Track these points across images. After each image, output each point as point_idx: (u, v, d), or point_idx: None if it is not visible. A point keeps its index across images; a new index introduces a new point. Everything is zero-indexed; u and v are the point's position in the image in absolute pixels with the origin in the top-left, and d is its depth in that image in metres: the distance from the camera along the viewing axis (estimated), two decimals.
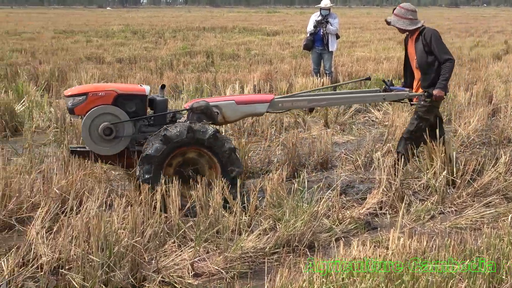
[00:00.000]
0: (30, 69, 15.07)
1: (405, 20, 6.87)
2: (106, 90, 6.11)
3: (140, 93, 6.23)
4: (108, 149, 6.13)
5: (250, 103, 6.52)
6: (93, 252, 4.38)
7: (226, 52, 20.50)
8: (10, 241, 5.24)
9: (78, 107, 6.08)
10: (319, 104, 7.01)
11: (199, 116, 6.21)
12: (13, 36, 29.59)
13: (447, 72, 6.70)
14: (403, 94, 6.97)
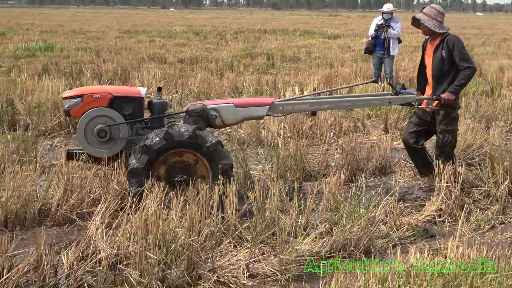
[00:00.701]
0: (94, 68, 15.37)
1: (434, 21, 6.61)
2: (101, 92, 6.09)
3: (135, 96, 6.20)
4: (104, 151, 6.09)
5: (249, 106, 6.42)
6: (151, 249, 4.44)
7: (287, 55, 20.51)
8: (70, 235, 5.35)
9: (74, 109, 6.07)
10: (321, 107, 6.73)
11: (195, 119, 6.14)
12: (79, 35, 30.30)
13: (463, 78, 6.44)
14: (410, 98, 6.64)
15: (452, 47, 6.52)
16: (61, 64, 16.07)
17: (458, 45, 6.52)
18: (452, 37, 6.59)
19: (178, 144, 5.72)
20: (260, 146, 8.75)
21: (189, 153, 5.79)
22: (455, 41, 6.53)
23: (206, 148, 5.74)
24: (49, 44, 21.96)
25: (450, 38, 6.58)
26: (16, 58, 18.34)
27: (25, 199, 5.68)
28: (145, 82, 12.91)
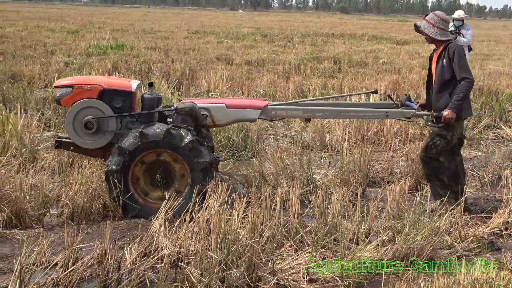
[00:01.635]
0: (163, 67, 15.59)
1: (436, 29, 6.35)
2: (92, 84, 6.09)
3: (125, 89, 6.18)
4: (91, 143, 6.11)
5: (241, 108, 6.33)
6: (212, 249, 4.47)
7: (354, 59, 20.36)
8: (134, 231, 5.44)
9: (64, 99, 6.10)
10: (315, 115, 6.54)
11: (184, 117, 6.10)
12: (148, 34, 30.78)
13: (461, 91, 6.09)
14: (409, 112, 6.37)
15: (452, 55, 6.24)
16: (130, 63, 16.34)
17: (458, 54, 6.23)
18: (453, 45, 6.33)
19: (154, 144, 5.74)
20: (324, 150, 8.71)
21: (166, 152, 5.79)
22: (455, 49, 6.26)
23: (182, 147, 5.72)
24: (120, 43, 22.38)
25: (451, 46, 6.32)
26: (88, 55, 18.76)
27: (92, 194, 5.81)
28: (212, 83, 13.02)
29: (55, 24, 36.19)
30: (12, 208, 5.48)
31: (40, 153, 7.62)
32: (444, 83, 6.24)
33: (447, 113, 6.06)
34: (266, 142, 8.90)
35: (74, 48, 20.48)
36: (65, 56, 17.99)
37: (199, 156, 5.76)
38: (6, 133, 7.46)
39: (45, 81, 13.35)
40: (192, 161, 5.75)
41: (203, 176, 5.73)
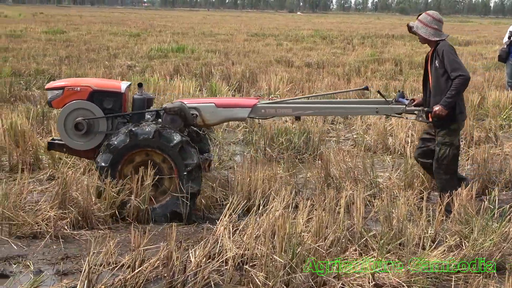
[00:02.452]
0: (223, 70, 15.67)
1: (428, 29, 6.16)
2: (81, 86, 6.12)
3: (115, 90, 6.19)
4: (82, 144, 6.13)
5: (230, 107, 6.27)
6: (277, 252, 4.46)
7: (415, 61, 20.07)
8: (199, 233, 5.48)
9: (55, 101, 6.15)
10: (305, 113, 6.47)
11: (173, 117, 6.06)
12: (208, 37, 31.05)
13: (454, 88, 5.93)
14: (399, 108, 6.27)
15: (442, 55, 6.05)
16: (191, 65, 16.50)
17: (448, 53, 6.03)
18: (441, 45, 6.12)
19: (142, 143, 5.73)
20: (386, 153, 8.61)
21: (155, 152, 5.78)
22: (443, 49, 6.06)
23: (171, 147, 5.71)
24: (181, 46, 22.62)
25: (440, 46, 6.12)
26: (150, 58, 19.02)
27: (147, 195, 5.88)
28: (272, 85, 13.02)
29: (117, 28, 36.85)
30: (79, 209, 5.58)
31: None
32: (439, 85, 6.11)
33: (438, 108, 5.95)
34: (327, 145, 8.84)
35: (136, 52, 20.80)
36: (128, 59, 18.28)
37: (188, 157, 5.75)
38: None
39: None
40: (180, 162, 5.74)
41: (190, 178, 5.73)
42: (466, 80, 5.94)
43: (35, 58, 17.55)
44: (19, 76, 14.09)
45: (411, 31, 6.30)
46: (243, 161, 6.55)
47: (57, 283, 4.41)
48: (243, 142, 9.11)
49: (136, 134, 5.70)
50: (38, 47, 20.96)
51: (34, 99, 11.47)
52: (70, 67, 15.53)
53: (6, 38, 24.90)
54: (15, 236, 5.34)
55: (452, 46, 6.17)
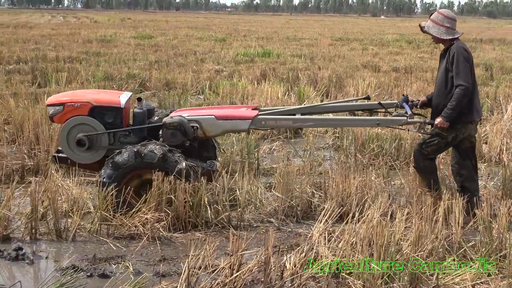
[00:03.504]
0: (310, 74, 15.64)
1: (441, 27, 5.98)
2: (82, 102, 6.19)
3: (114, 106, 6.24)
4: (85, 158, 6.21)
5: (231, 119, 6.23)
6: (374, 260, 4.40)
7: (507, 66, 19.47)
8: (292, 239, 5.49)
9: (57, 116, 6.25)
10: (304, 125, 6.40)
11: (173, 132, 6.08)
12: (293, 41, 31.08)
13: (454, 99, 5.75)
14: (401, 120, 6.08)
15: (452, 58, 5.83)
16: (278, 70, 16.53)
17: (459, 56, 5.80)
18: (455, 47, 5.89)
19: (147, 165, 5.75)
20: (481, 161, 8.37)
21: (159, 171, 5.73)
22: (455, 51, 5.83)
23: (176, 172, 5.72)
24: (266, 50, 22.72)
25: (452, 48, 5.90)
26: (236, 63, 19.18)
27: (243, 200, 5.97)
28: (360, 90, 12.90)
29: (202, 32, 37.34)
30: (175, 212, 5.67)
31: None
32: (444, 86, 5.94)
33: (439, 121, 5.82)
34: None
35: (222, 56, 21.02)
36: (215, 64, 18.48)
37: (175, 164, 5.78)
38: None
39: (197, 88, 13.79)
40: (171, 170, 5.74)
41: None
42: (467, 90, 5.76)
43: (126, 63, 17.99)
44: (111, 80, 14.46)
45: (423, 31, 6.15)
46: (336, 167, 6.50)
47: (157, 284, 4.48)
48: (332, 147, 9.06)
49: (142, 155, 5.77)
50: (128, 52, 21.47)
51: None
52: (159, 71, 15.84)
53: (97, 43, 25.65)
54: (113, 237, 5.48)
55: (466, 49, 5.97)
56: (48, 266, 4.90)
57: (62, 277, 4.49)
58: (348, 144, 8.49)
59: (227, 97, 11.58)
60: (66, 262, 4.81)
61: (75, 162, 6.30)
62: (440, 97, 5.98)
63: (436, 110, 6.02)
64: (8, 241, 5.36)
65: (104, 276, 4.71)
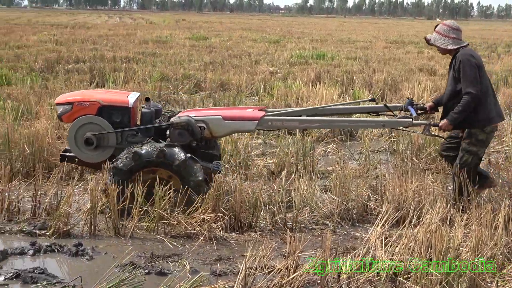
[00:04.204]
0: (365, 77, 15.54)
1: (446, 39, 5.99)
2: (90, 101, 6.23)
3: (122, 105, 6.28)
4: (93, 157, 6.24)
5: (238, 119, 6.24)
6: (433, 266, 4.35)
7: None
8: (348, 242, 5.47)
9: (65, 116, 6.29)
10: (311, 126, 6.40)
11: (180, 131, 6.09)
12: (347, 44, 30.96)
13: (462, 105, 5.77)
14: (406, 122, 6.06)
15: (459, 66, 5.81)
16: (332, 72, 16.48)
17: (464, 63, 5.78)
18: (460, 54, 5.86)
19: (148, 163, 5.76)
20: None
21: (162, 170, 5.80)
22: (461, 59, 5.80)
23: (176, 165, 5.74)
24: (321, 53, 22.67)
25: (458, 56, 5.89)
26: (291, 65, 19.18)
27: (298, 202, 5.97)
28: (416, 94, 12.76)
29: (256, 34, 37.46)
30: (232, 212, 5.70)
31: (252, 159, 7.90)
32: (452, 96, 5.94)
33: (443, 123, 5.90)
34: None
35: (277, 58, 21.04)
36: (269, 66, 18.52)
37: (192, 174, 5.77)
38: (222, 139, 7.81)
39: (251, 89, 13.83)
40: (186, 179, 5.76)
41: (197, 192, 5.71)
42: (475, 98, 5.75)
43: (181, 63, 18.18)
44: (167, 81, 14.63)
45: (429, 43, 6.17)
46: (393, 170, 6.44)
47: (213, 283, 4.51)
48: (387, 151, 8.99)
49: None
50: (183, 53, 21.70)
51: (182, 103, 11.86)
52: (214, 72, 15.95)
53: (153, 44, 26.00)
54: (170, 235, 5.55)
55: (472, 55, 5.93)
56: (107, 262, 4.97)
57: (121, 273, 4.56)
58: (404, 148, 8.41)
59: (281, 98, 11.58)
60: (125, 259, 4.89)
61: (82, 161, 6.38)
62: (451, 100, 5.99)
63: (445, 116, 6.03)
64: (68, 237, 5.48)
65: (161, 273, 4.77)
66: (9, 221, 5.80)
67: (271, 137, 9.40)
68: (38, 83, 13.10)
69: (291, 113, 6.55)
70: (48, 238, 5.42)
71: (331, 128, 8.84)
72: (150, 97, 6.87)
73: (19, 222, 5.77)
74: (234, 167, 7.48)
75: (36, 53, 19.66)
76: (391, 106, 6.58)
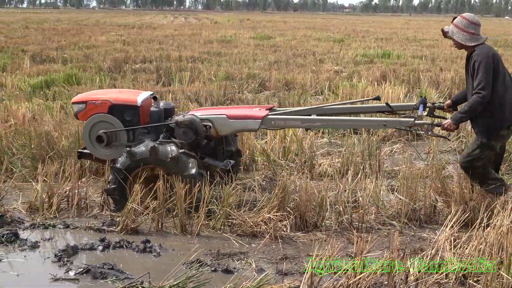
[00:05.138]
0: (432, 76, 15.29)
1: (465, 33, 5.67)
2: (102, 100, 6.45)
3: (131, 104, 6.43)
4: (107, 154, 6.42)
5: (242, 118, 6.28)
6: (504, 269, 4.24)
7: None
8: (415, 243, 5.40)
9: (80, 114, 6.54)
10: (313, 125, 6.34)
11: (185, 130, 6.21)
12: (413, 42, 30.51)
13: (468, 105, 5.60)
14: (408, 122, 5.85)
15: (473, 64, 5.57)
16: (398, 71, 16.26)
17: (481, 62, 5.51)
18: (477, 53, 5.61)
19: (143, 161, 5.91)
20: None
21: (158, 166, 5.94)
22: (476, 58, 5.54)
23: (168, 162, 5.85)
24: (386, 51, 22.41)
25: (476, 52, 5.61)
26: (355, 64, 19.03)
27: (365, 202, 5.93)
28: None
29: (320, 33, 37.30)
30: (297, 211, 5.69)
31: (317, 158, 7.87)
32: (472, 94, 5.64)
33: (447, 123, 5.68)
34: None
35: (341, 57, 20.91)
36: (334, 65, 18.42)
37: (185, 169, 5.84)
38: (287, 138, 7.81)
39: (316, 88, 13.78)
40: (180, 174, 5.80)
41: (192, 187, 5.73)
42: (483, 99, 5.52)
43: (246, 63, 18.26)
44: (232, 80, 14.72)
45: (446, 36, 5.88)
46: (461, 171, 6.30)
47: (279, 282, 4.52)
48: (456, 151, 8.81)
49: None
50: (248, 52, 21.79)
51: (247, 102, 11.91)
52: (279, 71, 15.97)
53: (218, 43, 26.21)
54: (236, 233, 5.58)
55: (490, 53, 5.63)
56: (174, 259, 5.04)
57: (188, 270, 4.61)
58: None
59: (346, 98, 11.48)
60: (192, 256, 4.94)
61: (98, 158, 6.57)
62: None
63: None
64: (136, 234, 5.57)
65: (227, 271, 4.80)
66: (79, 217, 5.95)
67: (336, 136, 9.35)
68: (106, 82, 13.37)
69: (296, 112, 6.55)
70: (117, 234, 5.54)
71: (333, 127, 8.76)
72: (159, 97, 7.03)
73: (88, 218, 5.91)
74: (300, 166, 7.47)
75: (104, 53, 20.09)
76: (402, 105, 6.54)
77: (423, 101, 6.15)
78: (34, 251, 5.20)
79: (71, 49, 22.11)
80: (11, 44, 23.60)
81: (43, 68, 15.82)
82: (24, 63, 16.60)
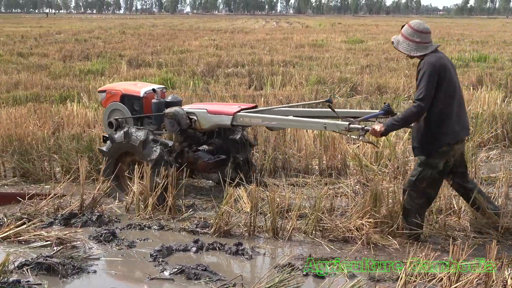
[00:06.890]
0: None
1: (410, 43, 5.23)
2: (116, 90, 7.27)
3: (135, 95, 7.09)
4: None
5: (218, 114, 6.61)
6: None
7: None
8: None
9: (103, 101, 7.39)
10: (270, 124, 6.38)
11: (170, 121, 6.66)
12: (510, 45, 29.58)
13: (403, 114, 5.23)
14: (343, 125, 5.71)
15: (419, 72, 5.17)
16: (495, 75, 15.80)
17: (425, 72, 5.07)
18: (426, 60, 5.16)
19: (119, 146, 6.50)
20: None
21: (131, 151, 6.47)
22: (424, 66, 5.11)
23: (137, 145, 6.33)
24: (482, 55, 21.81)
25: (423, 61, 5.18)
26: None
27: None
28: None
29: None
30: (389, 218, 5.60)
31: (410, 164, 7.73)
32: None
33: (376, 128, 5.33)
34: None
35: None
36: None
37: (151, 153, 6.28)
38: (380, 143, 7.72)
39: (409, 93, 13.55)
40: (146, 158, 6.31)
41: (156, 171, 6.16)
42: (420, 109, 5.11)
43: (338, 67, 18.18)
44: (324, 84, 14.68)
45: (394, 47, 5.43)
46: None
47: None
48: None
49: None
50: (340, 56, 21.68)
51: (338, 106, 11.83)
52: (371, 75, 15.82)
53: (309, 47, 26.21)
54: (327, 239, 5.56)
55: (437, 64, 5.12)
56: (266, 262, 5.09)
57: (280, 274, 4.63)
58: None
59: None
60: (284, 260, 4.96)
61: None
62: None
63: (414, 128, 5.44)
64: (229, 236, 5.65)
65: (319, 276, 4.79)
66: (173, 219, 6.08)
67: None
68: (200, 86, 13.61)
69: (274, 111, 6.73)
70: (210, 236, 5.63)
71: (284, 127, 8.47)
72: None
73: (181, 220, 6.04)
74: (392, 172, 7.36)
75: (198, 57, 20.47)
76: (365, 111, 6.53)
77: (385, 108, 5.72)
78: (130, 250, 5.35)
79: (165, 53, 22.65)
80: (109, 49, 24.42)
81: (139, 72, 16.28)
82: (121, 68, 17.14)
